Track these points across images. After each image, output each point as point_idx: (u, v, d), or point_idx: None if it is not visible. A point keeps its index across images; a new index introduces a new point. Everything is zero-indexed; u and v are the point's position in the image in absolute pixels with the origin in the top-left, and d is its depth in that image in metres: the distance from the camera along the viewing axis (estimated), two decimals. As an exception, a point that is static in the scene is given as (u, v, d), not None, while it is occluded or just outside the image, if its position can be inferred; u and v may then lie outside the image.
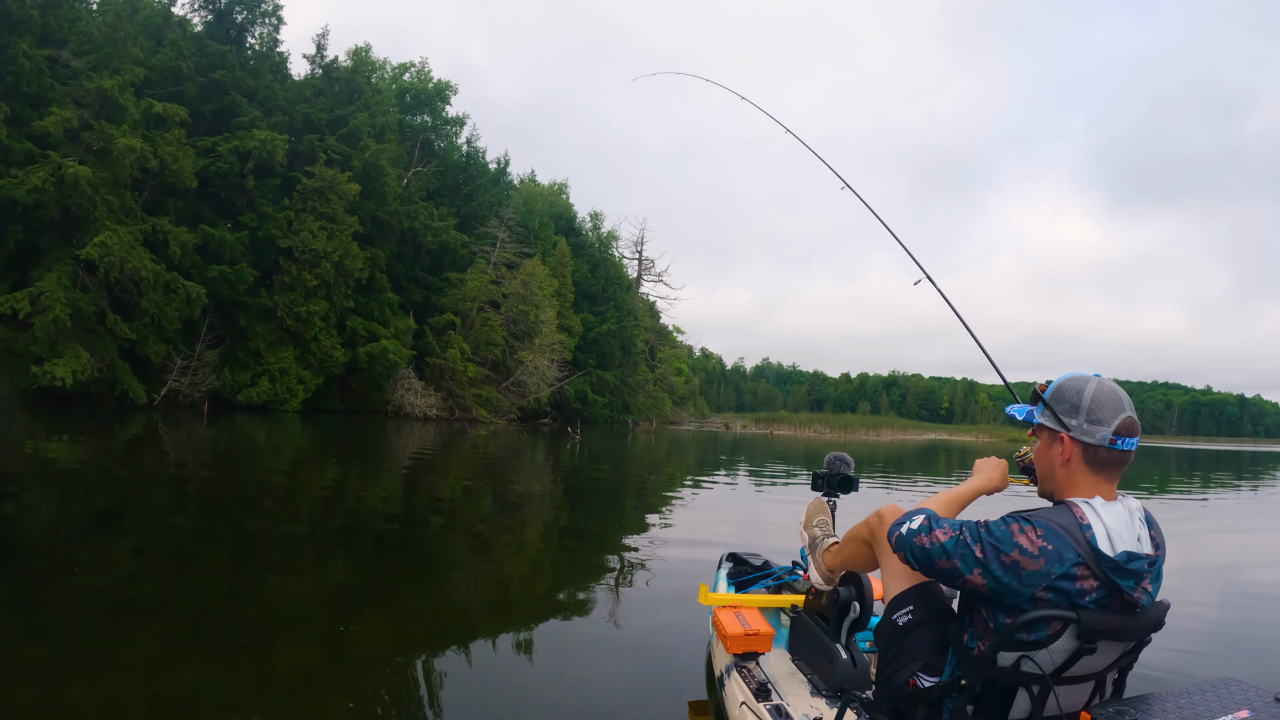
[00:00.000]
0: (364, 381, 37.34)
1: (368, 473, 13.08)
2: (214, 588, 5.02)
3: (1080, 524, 1.89)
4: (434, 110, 48.42)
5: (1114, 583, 1.87)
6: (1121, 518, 1.93)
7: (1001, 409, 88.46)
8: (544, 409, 47.52)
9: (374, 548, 6.62)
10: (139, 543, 6.31)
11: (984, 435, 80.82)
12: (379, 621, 4.51)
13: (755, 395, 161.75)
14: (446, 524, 8.46)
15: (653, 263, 69.79)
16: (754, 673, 3.12)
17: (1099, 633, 1.86)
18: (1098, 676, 2.02)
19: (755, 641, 3.19)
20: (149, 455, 13.92)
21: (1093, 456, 1.98)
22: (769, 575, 4.10)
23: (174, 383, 29.89)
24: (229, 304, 32.33)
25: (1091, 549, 1.86)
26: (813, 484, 3.68)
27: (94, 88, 26.67)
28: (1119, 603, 1.90)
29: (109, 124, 26.63)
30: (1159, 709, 1.84)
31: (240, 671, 3.53)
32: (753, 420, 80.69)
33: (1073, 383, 2.05)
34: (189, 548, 6.24)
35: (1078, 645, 1.88)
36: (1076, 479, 2.00)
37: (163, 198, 30.55)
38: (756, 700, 2.85)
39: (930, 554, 2.03)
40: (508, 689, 3.60)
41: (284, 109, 35.89)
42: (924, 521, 2.08)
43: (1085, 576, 1.87)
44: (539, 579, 6.24)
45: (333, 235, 34.29)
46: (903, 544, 2.12)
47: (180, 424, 21.91)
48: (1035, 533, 1.88)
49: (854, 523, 2.69)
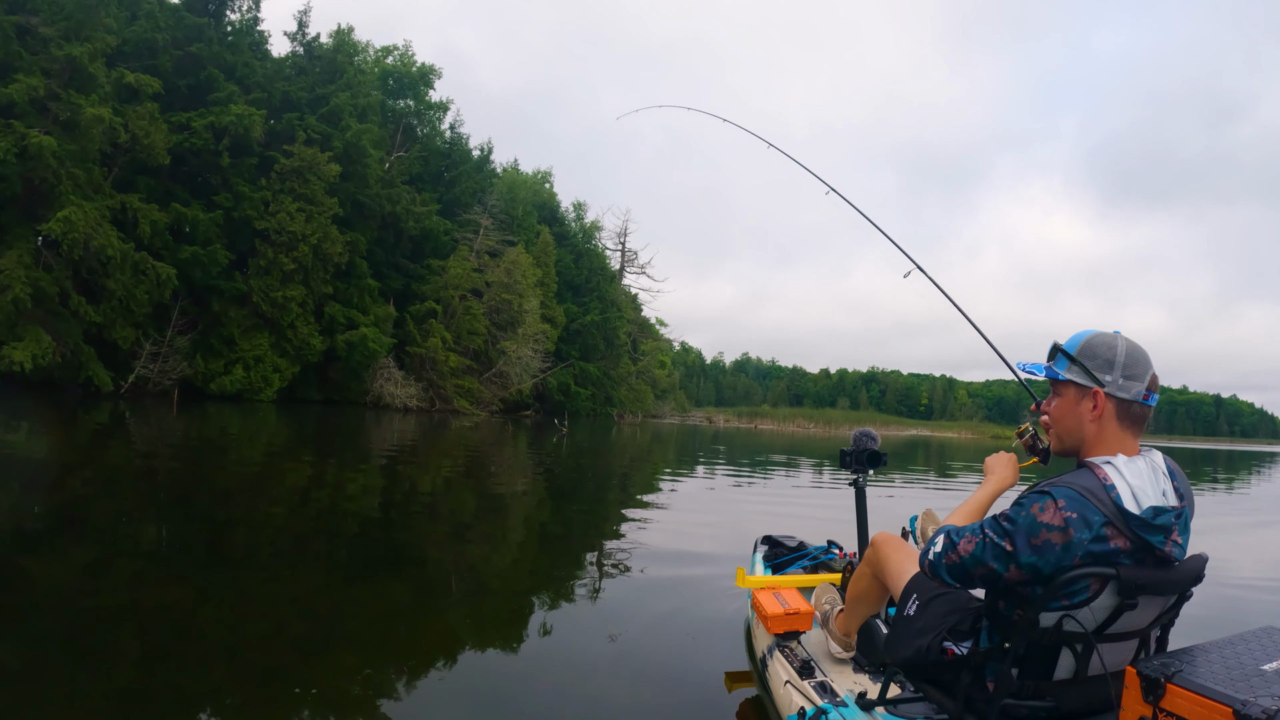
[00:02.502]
0: (342, 371, 36.28)
1: (347, 465, 12.17)
2: (183, 586, 4.75)
3: (1104, 484, 1.87)
4: (417, 95, 47.42)
5: (1144, 539, 1.84)
6: (1144, 473, 1.91)
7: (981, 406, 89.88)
8: (526, 401, 46.83)
9: (374, 546, 6.03)
10: (104, 539, 5.93)
11: (965, 432, 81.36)
12: (416, 620, 4.46)
13: (735, 390, 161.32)
14: (448, 519, 8.02)
15: (635, 254, 69.72)
16: (796, 651, 3.18)
17: (1139, 587, 1.85)
18: (1141, 634, 2.01)
19: (796, 621, 3.27)
20: (115, 446, 13.23)
21: (1125, 412, 1.98)
22: (805, 555, 4.28)
23: (143, 370, 28.74)
24: (201, 288, 31.18)
25: (1117, 508, 1.84)
26: (841, 461, 3.65)
27: (63, 55, 25.27)
28: (1152, 558, 1.88)
29: (77, 94, 25.31)
30: (1203, 660, 1.83)
31: (211, 673, 3.40)
32: (735, 415, 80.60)
33: (1102, 338, 2.02)
34: (157, 544, 5.92)
35: (1119, 601, 1.87)
36: (1106, 434, 1.99)
37: (133, 174, 29.34)
38: (800, 678, 2.90)
39: (964, 567, 1.98)
40: (524, 677, 3.61)
41: (263, 86, 34.59)
42: (946, 540, 2.05)
43: (1116, 535, 1.84)
44: (559, 569, 6.12)
45: (311, 218, 33.19)
46: (935, 569, 2.07)
47: (149, 413, 21.09)
48: (1057, 504, 1.84)
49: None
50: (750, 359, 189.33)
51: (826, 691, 2.75)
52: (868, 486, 3.72)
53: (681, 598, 4.94)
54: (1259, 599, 6.19)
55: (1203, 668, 1.78)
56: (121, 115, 27.10)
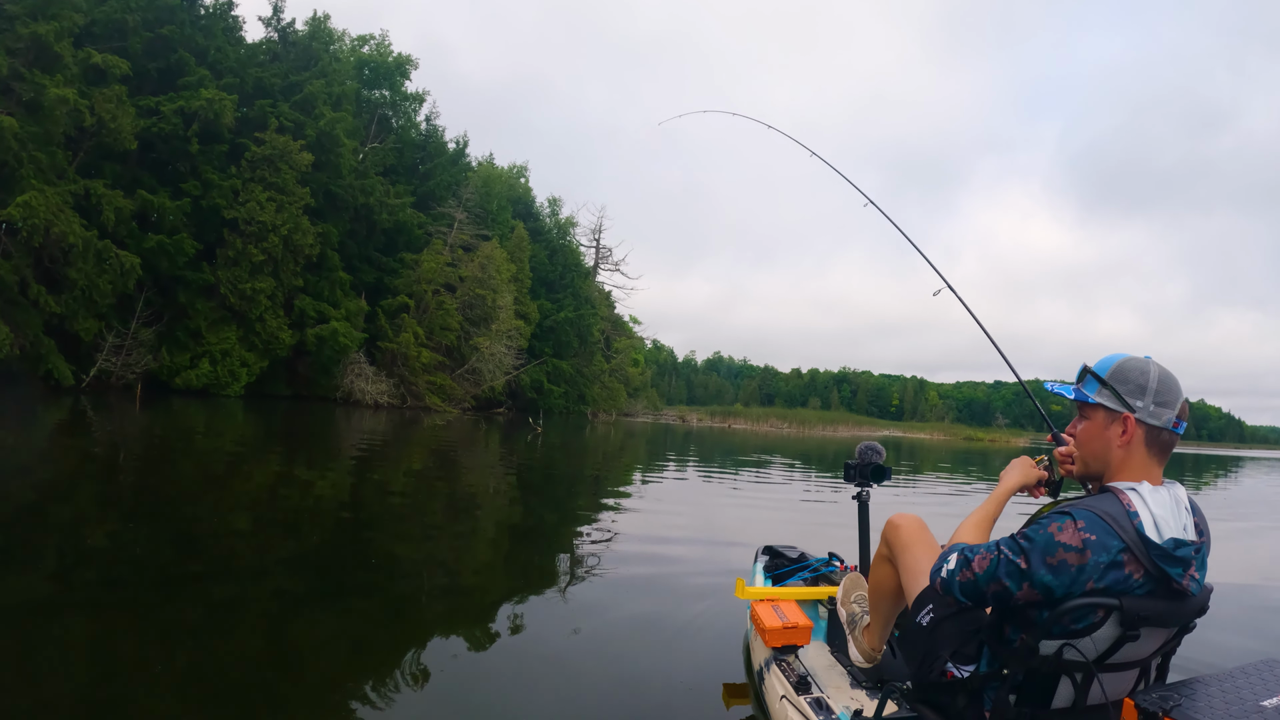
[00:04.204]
0: (312, 366, 35.51)
1: (316, 464, 11.69)
2: (147, 586, 4.64)
3: (1128, 511, 1.84)
4: (393, 85, 46.73)
5: (1162, 570, 1.81)
6: (1168, 504, 1.86)
7: (951, 408, 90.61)
8: (499, 398, 46.34)
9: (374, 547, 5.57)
10: (64, 537, 5.78)
11: (937, 433, 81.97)
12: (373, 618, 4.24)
13: (706, 389, 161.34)
14: (418, 520, 7.81)
15: (610, 251, 69.40)
16: (794, 666, 3.16)
17: (1142, 619, 1.82)
18: (1142, 663, 1.99)
19: (794, 634, 3.25)
20: (75, 442, 12.80)
21: (1155, 439, 1.96)
22: (806, 567, 4.20)
23: (105, 363, 27.87)
24: (167, 278, 30.31)
25: (1139, 536, 1.81)
26: (845, 474, 3.61)
27: (28, 34, 24.30)
28: (1167, 590, 1.85)
29: (42, 74, 24.42)
30: (1203, 693, 1.82)
31: (175, 674, 3.34)
32: (708, 414, 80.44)
33: (1135, 363, 1.99)
34: (119, 543, 5.71)
35: (1120, 632, 1.84)
36: (1133, 461, 1.96)
37: (99, 159, 28.46)
38: (797, 693, 2.88)
39: (978, 585, 1.94)
40: (518, 675, 3.60)
41: (235, 71, 33.68)
42: (959, 558, 2.01)
43: (1132, 563, 1.81)
44: (551, 571, 6.05)
45: (282, 208, 32.37)
46: (948, 587, 2.03)
47: (111, 408, 20.49)
48: (1076, 525, 1.81)
49: (885, 516, 2.66)
50: (723, 358, 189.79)
51: (822, 708, 2.75)
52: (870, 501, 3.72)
53: (679, 606, 4.93)
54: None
55: (1201, 702, 1.78)
56: (88, 97, 26.19)
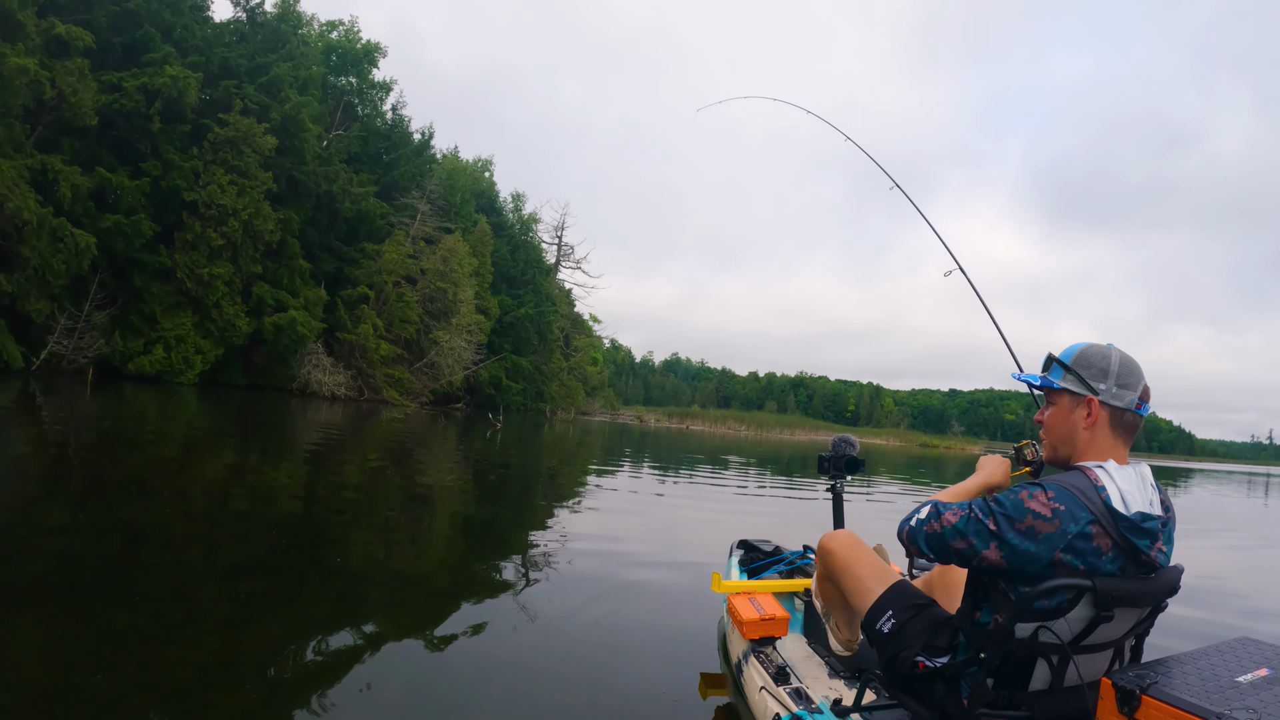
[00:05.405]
0: (268, 355, 34.94)
1: (270, 457, 11.58)
2: (95, 580, 4.48)
3: (1095, 485, 1.91)
4: (360, 72, 46.11)
5: (1130, 542, 1.88)
6: (1134, 480, 1.95)
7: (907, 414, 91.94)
8: (456, 393, 46.04)
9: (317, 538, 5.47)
10: (6, 527, 5.57)
11: (893, 439, 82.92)
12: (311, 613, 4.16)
13: (663, 389, 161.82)
14: (375, 517, 7.40)
15: (572, 249, 69.15)
16: (771, 657, 3.20)
17: (1114, 599, 1.87)
18: (1116, 644, 2.03)
19: (771, 626, 3.29)
20: (22, 427, 12.36)
21: (1118, 420, 2.03)
22: (781, 560, 4.23)
23: (56, 346, 27.19)
24: (123, 260, 29.62)
25: (1107, 508, 1.88)
26: (819, 467, 3.64)
27: (-15, 1, 23.66)
28: (1136, 563, 1.92)
29: (2, 41, 23.74)
30: (1178, 671, 1.85)
31: (125, 672, 3.22)
32: (665, 415, 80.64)
33: (1096, 349, 2.08)
34: (66, 535, 5.49)
35: (1094, 613, 1.88)
36: (1098, 442, 2.03)
37: (57, 135, 27.71)
38: (775, 684, 2.91)
39: (944, 537, 2.02)
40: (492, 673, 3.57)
41: (201, 50, 32.99)
42: (931, 509, 2.09)
43: (1101, 535, 1.87)
44: (517, 566, 5.94)
45: (243, 191, 31.79)
46: (914, 535, 2.11)
47: (61, 393, 19.96)
48: (1046, 495, 1.89)
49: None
50: (680, 359, 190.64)
51: (802, 698, 2.77)
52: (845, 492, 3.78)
53: (655, 601, 4.97)
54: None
55: (1178, 679, 1.81)
56: (49, 69, 25.58)
